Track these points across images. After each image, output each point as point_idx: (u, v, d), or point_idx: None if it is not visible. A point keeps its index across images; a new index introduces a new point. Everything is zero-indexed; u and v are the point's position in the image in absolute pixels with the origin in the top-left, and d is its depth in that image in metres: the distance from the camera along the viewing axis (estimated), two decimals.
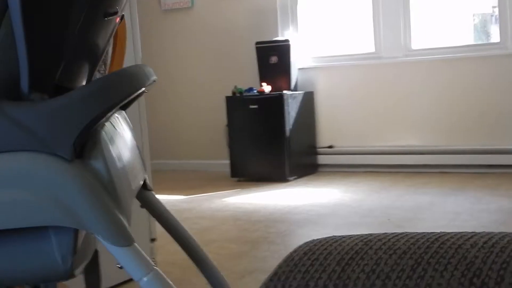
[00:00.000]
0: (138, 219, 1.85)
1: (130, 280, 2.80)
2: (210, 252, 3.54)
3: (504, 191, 4.59)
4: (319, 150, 6.05)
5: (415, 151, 5.62)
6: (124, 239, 1.12)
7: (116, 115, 1.32)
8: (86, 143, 1.15)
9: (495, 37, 5.58)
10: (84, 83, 1.29)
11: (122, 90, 1.16)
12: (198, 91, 6.63)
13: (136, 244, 1.14)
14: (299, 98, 5.81)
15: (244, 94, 5.85)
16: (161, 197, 5.24)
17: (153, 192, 1.55)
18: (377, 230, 3.72)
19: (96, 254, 1.43)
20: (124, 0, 1.31)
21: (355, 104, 5.92)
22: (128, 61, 3.17)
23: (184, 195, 5.28)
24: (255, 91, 5.83)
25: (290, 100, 5.66)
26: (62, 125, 1.11)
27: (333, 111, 6.02)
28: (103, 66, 2.12)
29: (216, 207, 4.71)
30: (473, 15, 5.83)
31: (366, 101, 5.87)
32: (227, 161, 5.93)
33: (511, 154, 5.27)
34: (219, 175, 6.17)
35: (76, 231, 1.15)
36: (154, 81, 1.31)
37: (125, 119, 1.41)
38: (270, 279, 0.68)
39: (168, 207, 5.01)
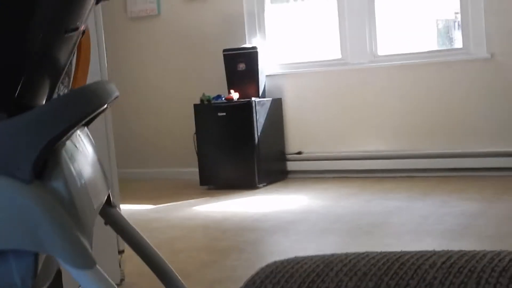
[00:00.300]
0: (106, 230, 1.83)
1: None
2: (179, 262, 3.52)
3: (469, 195, 4.64)
4: (288, 156, 6.06)
5: (383, 156, 5.66)
6: (85, 261, 1.11)
7: (77, 132, 1.31)
8: (46, 163, 1.13)
9: (458, 42, 5.65)
10: (45, 99, 1.27)
11: (82, 109, 1.14)
12: (166, 99, 6.60)
13: (98, 266, 1.12)
14: (268, 105, 5.82)
15: (212, 101, 5.84)
16: (130, 207, 5.20)
17: (118, 209, 1.53)
18: (347, 237, 3.74)
19: (58, 274, 1.40)
20: (86, 15, 1.29)
21: (323, 110, 5.95)
22: (93, 71, 3.15)
23: (152, 204, 5.24)
24: (223, 98, 5.82)
25: (258, 107, 5.66)
26: (21, 145, 1.09)
27: (301, 117, 6.04)
28: (66, 78, 2.09)
29: (185, 216, 4.69)
30: (437, 21, 5.90)
31: (334, 107, 5.90)
32: (196, 169, 5.91)
33: (474, 157, 5.33)
34: (189, 183, 6.14)
35: (36, 253, 1.13)
36: (116, 97, 1.30)
37: (87, 135, 1.40)
38: None
39: (136, 217, 4.98)
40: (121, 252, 3.27)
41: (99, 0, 1.35)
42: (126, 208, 4.83)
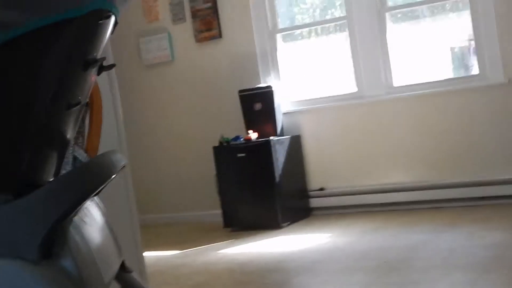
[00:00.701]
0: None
1: None
2: None
3: (496, 224, 4.56)
4: (311, 193, 6.02)
5: (405, 188, 5.60)
6: None
7: (85, 203, 1.30)
8: (54, 242, 1.13)
9: (474, 69, 5.62)
10: (52, 175, 1.27)
11: (88, 186, 1.14)
12: (185, 143, 6.62)
13: None
14: (286, 143, 5.81)
15: (231, 143, 5.84)
16: (154, 253, 5.18)
17: (133, 274, 1.52)
18: (374, 274, 3.68)
19: None
20: (87, 90, 1.30)
21: (343, 144, 5.92)
22: (109, 122, 3.17)
23: (177, 249, 5.22)
24: (242, 139, 5.83)
25: (277, 146, 5.65)
26: (27, 227, 1.09)
27: (321, 153, 6.02)
28: (80, 138, 2.10)
29: (211, 260, 4.67)
30: (451, 49, 5.87)
31: (353, 141, 5.87)
32: (219, 211, 5.89)
33: (500, 185, 5.25)
34: (212, 225, 6.12)
35: None
36: (124, 166, 1.30)
37: (96, 204, 1.39)
38: None
39: (162, 263, 4.98)
40: None
41: (100, 71, 1.36)
42: (151, 255, 4.82)
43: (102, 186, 1.20)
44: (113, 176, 1.22)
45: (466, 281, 3.29)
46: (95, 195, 1.39)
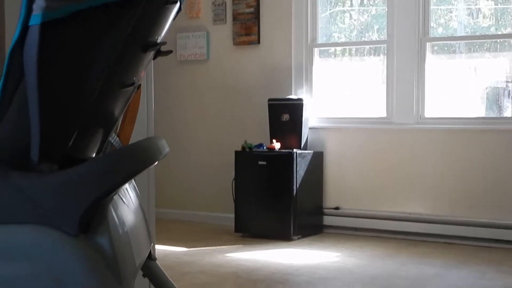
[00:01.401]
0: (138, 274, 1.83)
1: None
2: None
3: (509, 268, 4.52)
4: (326, 210, 6.00)
5: (421, 219, 5.57)
6: None
7: (126, 185, 1.31)
8: (93, 218, 1.13)
9: (507, 111, 5.59)
10: (95, 152, 1.27)
11: (134, 167, 1.15)
12: (208, 143, 6.63)
13: None
14: (309, 157, 5.80)
15: (254, 149, 5.85)
16: (164, 248, 5.19)
17: (157, 262, 1.52)
18: None
19: None
20: (142, 71, 1.31)
21: (364, 167, 5.90)
22: (140, 112, 3.18)
23: (186, 247, 5.23)
24: (265, 147, 5.83)
25: (299, 159, 5.65)
26: (69, 199, 1.09)
27: (341, 172, 6.00)
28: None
29: (218, 262, 4.66)
30: (486, 88, 5.85)
31: (375, 165, 5.85)
32: (232, 215, 5.89)
33: None
34: (223, 228, 6.12)
35: None
36: (167, 153, 1.30)
37: (134, 188, 1.40)
38: None
39: (170, 259, 4.98)
40: None
41: (156, 55, 1.37)
42: (160, 249, 4.82)
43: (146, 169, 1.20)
44: (157, 161, 1.23)
45: None
46: None
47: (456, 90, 5.85)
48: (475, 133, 5.49)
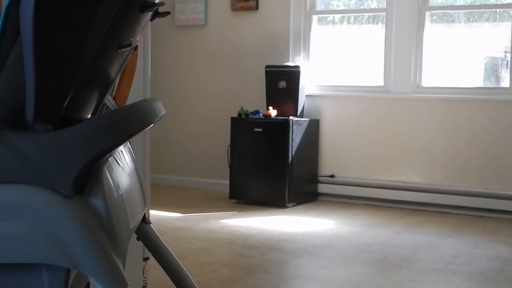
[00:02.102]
0: (132, 237, 1.82)
1: None
2: (203, 276, 3.50)
3: (503, 238, 4.55)
4: (320, 178, 6.01)
5: (416, 188, 5.59)
6: (118, 282, 1.09)
7: (120, 147, 1.30)
8: (88, 179, 1.12)
9: (505, 81, 5.57)
10: (90, 114, 1.26)
11: (130, 127, 1.13)
12: (204, 109, 6.61)
13: None
14: (305, 125, 5.79)
15: (250, 116, 5.83)
16: (158, 213, 5.20)
17: (151, 226, 1.52)
18: (374, 268, 3.68)
19: (87, 286, 1.39)
20: (139, 32, 1.28)
21: (360, 135, 5.90)
22: (136, 76, 3.15)
23: (181, 213, 5.24)
24: (261, 114, 5.81)
25: (295, 126, 5.63)
26: (64, 160, 1.08)
27: (337, 140, 6.00)
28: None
29: (212, 228, 4.67)
30: (485, 58, 5.82)
31: (371, 134, 5.85)
32: (227, 182, 5.90)
33: (510, 199, 5.23)
34: (218, 195, 6.13)
35: (68, 269, 1.12)
36: (163, 116, 1.29)
37: (130, 151, 1.39)
38: None
39: (164, 224, 4.97)
40: (145, 259, 3.27)
41: (154, 17, 1.34)
42: (154, 214, 4.83)
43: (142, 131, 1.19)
44: (153, 123, 1.21)
45: None
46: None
47: (454, 60, 5.82)
48: (472, 103, 5.48)
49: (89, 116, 1.28)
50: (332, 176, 6.00)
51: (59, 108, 1.16)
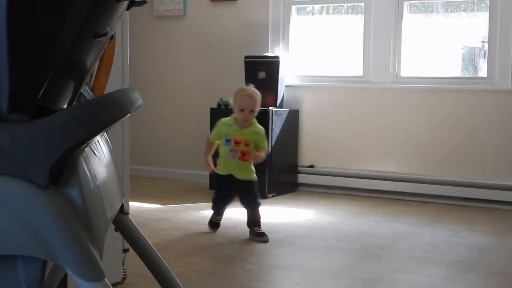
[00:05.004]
0: (110, 228, 1.80)
1: None
2: (182, 267, 3.49)
3: (481, 226, 4.59)
4: (300, 169, 6.02)
5: (395, 178, 5.62)
6: (95, 273, 1.08)
7: (97, 137, 1.28)
8: (64, 170, 1.11)
9: (482, 71, 5.60)
10: (66, 103, 1.24)
11: (106, 117, 1.12)
12: (184, 100, 6.59)
13: (106, 280, 1.10)
14: (284, 116, 5.79)
15: (229, 106, 5.80)
16: (138, 205, 5.17)
17: (130, 216, 1.51)
18: (353, 257, 3.70)
19: (63, 279, 1.38)
20: (115, 22, 1.27)
21: (339, 125, 5.91)
22: (114, 67, 3.13)
23: (160, 204, 5.22)
24: None
25: (275, 117, 5.63)
26: (40, 150, 1.07)
27: (317, 130, 6.01)
28: (88, 76, 2.07)
29: (192, 219, 4.67)
30: (462, 48, 5.85)
31: (351, 124, 5.86)
32: (207, 173, 5.88)
33: (488, 189, 5.27)
34: (198, 186, 6.12)
35: (44, 261, 1.11)
36: (140, 105, 1.28)
37: (107, 141, 1.37)
38: None
39: (144, 216, 4.94)
40: (125, 250, 3.26)
41: (130, 6, 1.33)
42: (134, 205, 4.81)
43: (118, 121, 1.18)
44: (130, 113, 1.20)
45: (444, 277, 3.31)
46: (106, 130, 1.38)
47: (432, 50, 5.84)
48: (450, 93, 5.51)
49: (65, 106, 1.26)
50: (312, 166, 6.01)
51: (34, 98, 1.15)
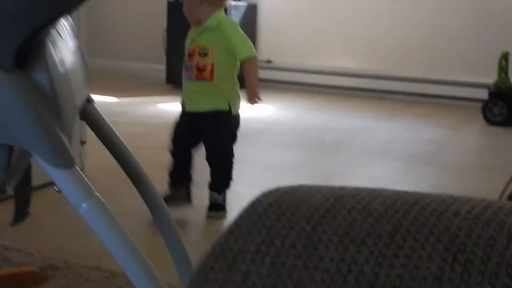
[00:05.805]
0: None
1: None
2: (141, 161, 3.46)
3: (436, 121, 4.66)
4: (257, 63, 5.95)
5: (352, 73, 5.62)
6: (64, 160, 1.04)
7: (62, 20, 1.22)
8: (29, 52, 1.05)
9: None
10: None
11: None
12: None
13: (77, 167, 1.06)
14: (242, 10, 5.67)
15: None
16: (94, 98, 5.09)
17: (94, 104, 1.46)
18: (312, 151, 3.73)
19: (29, 168, 1.34)
20: None
21: (298, 20, 5.83)
22: None
23: (117, 97, 5.15)
24: None
25: (233, 11, 5.51)
26: (4, 31, 1.00)
27: (275, 25, 5.92)
28: None
29: (149, 113, 4.63)
30: None
31: (309, 19, 5.79)
32: (164, 67, 5.79)
33: (444, 84, 5.33)
34: (154, 79, 6.03)
35: (11, 147, 1.06)
36: None
37: (71, 25, 1.31)
38: (231, 231, 0.61)
39: (100, 110, 4.86)
40: (83, 143, 3.23)
41: None
42: None
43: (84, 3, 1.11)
44: None
45: (399, 170, 3.38)
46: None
47: None
48: None
49: None
50: (269, 61, 5.96)
51: None
